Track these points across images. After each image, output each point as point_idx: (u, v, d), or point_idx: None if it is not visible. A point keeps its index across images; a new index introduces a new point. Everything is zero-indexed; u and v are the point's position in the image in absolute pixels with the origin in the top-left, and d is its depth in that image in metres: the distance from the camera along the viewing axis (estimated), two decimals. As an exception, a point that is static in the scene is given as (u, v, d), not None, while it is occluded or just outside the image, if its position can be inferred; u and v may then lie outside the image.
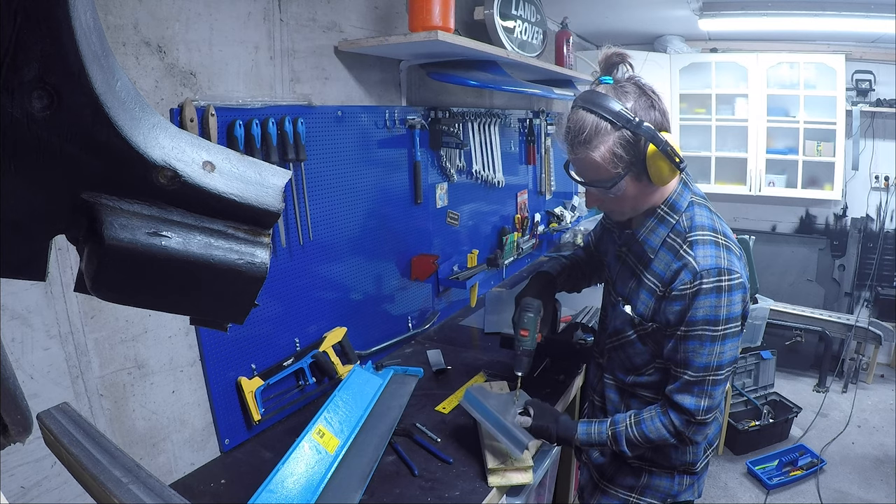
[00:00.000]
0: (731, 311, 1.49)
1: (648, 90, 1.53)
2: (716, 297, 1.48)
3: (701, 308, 1.50)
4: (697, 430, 1.60)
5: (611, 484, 1.87)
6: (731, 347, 1.53)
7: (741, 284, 1.50)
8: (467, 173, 3.35)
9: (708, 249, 1.52)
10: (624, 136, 1.47)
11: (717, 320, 1.49)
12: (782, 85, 5.33)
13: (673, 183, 1.62)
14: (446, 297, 3.30)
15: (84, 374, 1.59)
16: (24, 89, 0.50)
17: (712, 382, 1.55)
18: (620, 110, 1.46)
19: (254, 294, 0.67)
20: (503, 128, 3.69)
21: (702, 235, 1.54)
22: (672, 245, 1.58)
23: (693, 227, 1.57)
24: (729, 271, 1.49)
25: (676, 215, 1.60)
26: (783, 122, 5.35)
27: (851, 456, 4.25)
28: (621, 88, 1.52)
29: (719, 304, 1.48)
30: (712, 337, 1.51)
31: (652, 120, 1.49)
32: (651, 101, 1.51)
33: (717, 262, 1.49)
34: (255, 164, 0.67)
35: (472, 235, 3.54)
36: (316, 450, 1.75)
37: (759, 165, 5.43)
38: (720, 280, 1.48)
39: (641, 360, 1.73)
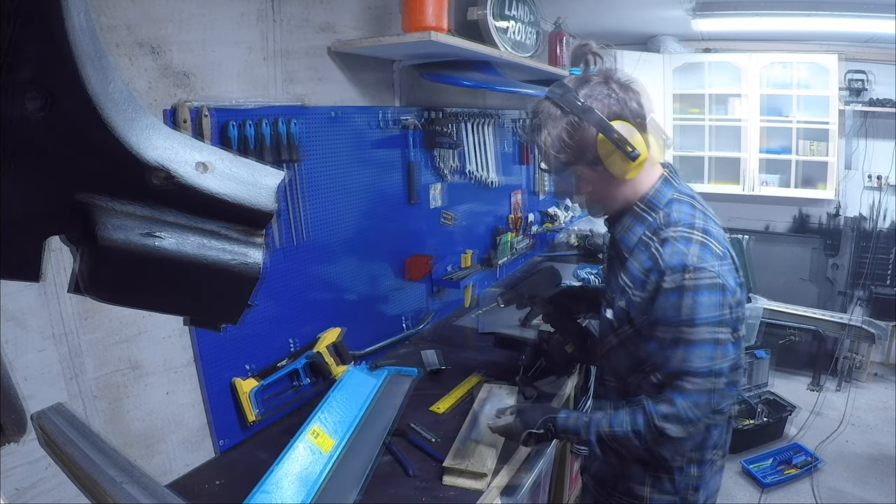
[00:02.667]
0: (695, 314, 1.39)
1: (615, 80, 1.49)
2: (676, 296, 1.40)
3: (661, 308, 1.43)
4: (657, 439, 1.46)
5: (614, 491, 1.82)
6: (702, 357, 1.40)
7: (714, 285, 1.39)
8: (462, 173, 3.35)
9: (677, 246, 1.43)
10: (572, 122, 1.46)
11: (678, 322, 1.40)
12: (776, 85, 5.35)
13: (649, 180, 1.57)
14: (441, 298, 3.30)
15: (79, 375, 1.59)
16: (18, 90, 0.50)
17: (672, 387, 1.44)
18: (570, 97, 1.45)
19: (248, 294, 0.67)
20: (497, 128, 3.69)
21: (674, 232, 1.46)
22: (647, 243, 1.51)
23: (668, 223, 1.49)
24: (696, 269, 1.39)
25: (654, 213, 1.54)
26: (777, 122, 5.37)
27: (846, 454, 4.26)
28: (585, 78, 1.51)
29: (680, 304, 1.39)
30: (673, 339, 1.42)
31: (606, 108, 1.45)
32: (611, 90, 1.47)
33: (682, 259, 1.41)
34: (248, 165, 0.67)
35: (466, 236, 3.54)
36: (311, 450, 1.75)
37: (753, 165, 5.45)
38: (683, 278, 1.39)
39: (626, 367, 1.65)
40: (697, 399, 1.42)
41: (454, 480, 1.81)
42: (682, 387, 1.42)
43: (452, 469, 1.81)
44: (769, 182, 5.49)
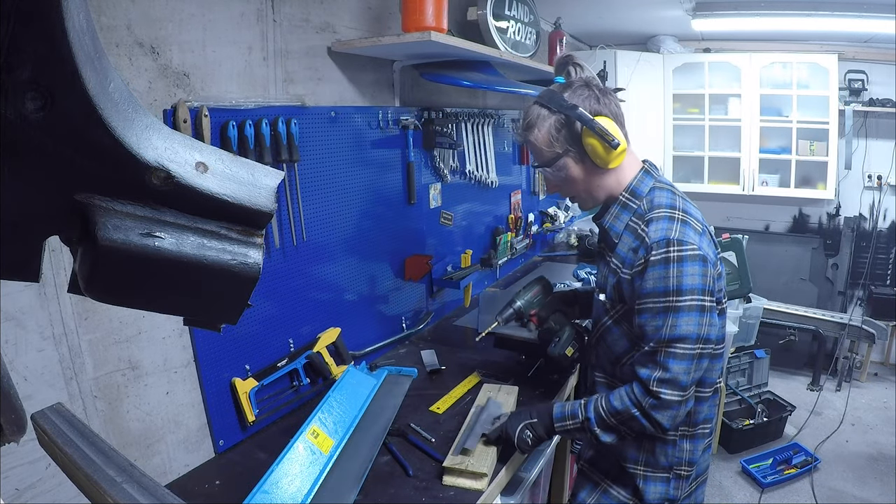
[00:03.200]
0: (682, 283, 1.51)
1: (594, 85, 1.68)
2: (663, 268, 1.52)
3: (650, 279, 1.55)
4: (654, 404, 1.56)
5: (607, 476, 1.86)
6: (690, 322, 1.52)
7: (696, 256, 1.52)
8: (461, 173, 3.36)
9: (660, 224, 1.58)
10: (559, 120, 1.66)
11: (666, 291, 1.52)
12: (775, 85, 5.35)
13: (631, 172, 1.74)
14: (440, 298, 3.30)
15: (78, 375, 1.59)
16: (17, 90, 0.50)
17: (665, 354, 1.54)
18: (556, 98, 1.66)
19: (247, 294, 0.67)
20: (497, 128, 3.69)
21: (657, 213, 1.61)
22: (633, 227, 1.67)
23: (652, 206, 1.64)
24: (679, 241, 1.52)
25: (638, 200, 1.70)
26: (776, 122, 5.37)
27: (845, 454, 4.27)
28: (569, 84, 1.69)
29: (667, 274, 1.52)
30: (664, 308, 1.53)
31: (588, 106, 1.63)
32: (592, 92, 1.65)
33: (666, 234, 1.54)
34: (247, 165, 0.67)
35: (465, 236, 3.54)
36: (310, 450, 1.75)
37: (752, 165, 5.45)
38: (668, 251, 1.52)
39: (621, 348, 1.76)
40: (688, 364, 1.55)
41: (454, 480, 1.81)
42: (673, 352, 1.54)
43: (452, 469, 1.81)
44: (768, 182, 5.49)
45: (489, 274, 3.80)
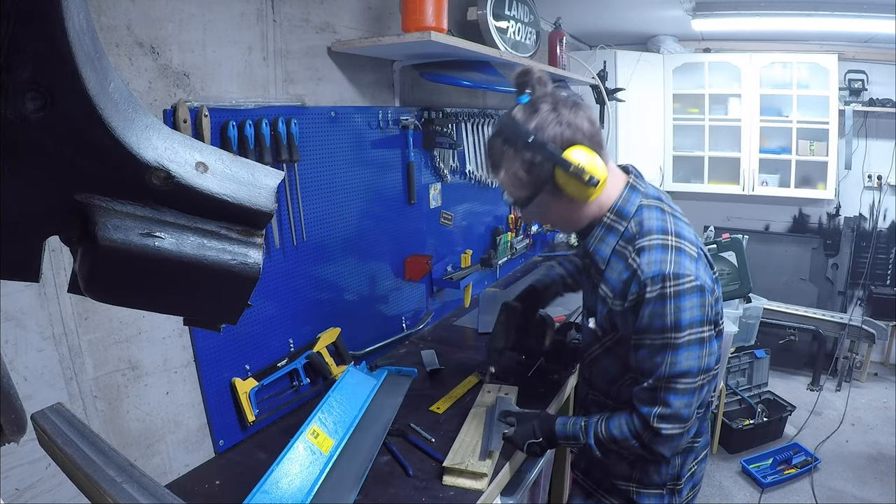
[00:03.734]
0: (680, 318, 1.42)
1: (562, 103, 1.50)
2: (660, 304, 1.43)
3: (646, 316, 1.45)
4: (654, 439, 1.51)
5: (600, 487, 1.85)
6: (690, 357, 1.45)
7: (694, 289, 1.42)
8: (461, 173, 3.36)
9: (654, 255, 1.46)
10: (527, 158, 1.49)
11: (664, 328, 1.43)
12: (775, 85, 5.35)
13: (615, 190, 1.59)
14: (440, 298, 3.30)
15: (78, 375, 1.59)
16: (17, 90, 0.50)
17: (666, 390, 1.47)
18: (521, 133, 1.47)
19: (247, 294, 0.67)
20: (497, 128, 3.68)
21: (649, 241, 1.48)
22: (622, 252, 1.54)
23: (642, 232, 1.51)
24: (676, 276, 1.42)
25: (625, 222, 1.56)
26: (776, 122, 5.37)
27: (845, 454, 4.27)
28: (533, 107, 1.50)
29: (664, 311, 1.42)
30: (662, 345, 1.45)
31: (558, 136, 1.47)
32: (559, 115, 1.48)
33: (661, 267, 1.43)
34: (247, 165, 0.67)
35: (465, 236, 3.54)
36: (310, 450, 1.75)
37: (752, 165, 5.45)
38: (664, 287, 1.42)
39: (616, 371, 1.70)
40: (690, 398, 1.48)
41: (454, 480, 1.81)
42: (674, 388, 1.47)
43: (452, 469, 1.81)
44: (768, 182, 5.49)
45: (489, 274, 3.80)
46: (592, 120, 1.53)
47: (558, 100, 1.51)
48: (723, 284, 3.36)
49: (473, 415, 2.10)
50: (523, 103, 1.52)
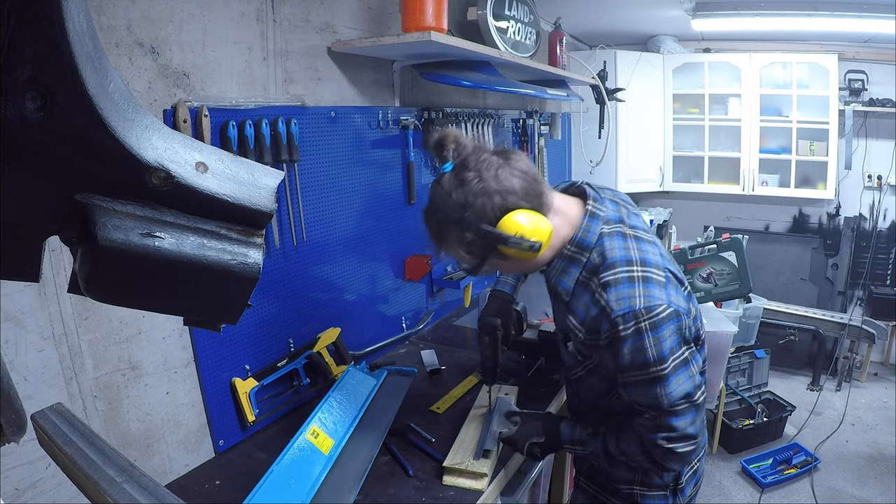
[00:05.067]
0: (661, 350, 1.38)
1: (488, 165, 1.40)
2: (638, 340, 1.38)
3: (626, 354, 1.41)
4: (666, 457, 1.48)
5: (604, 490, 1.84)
6: (681, 381, 1.42)
7: (669, 316, 1.38)
8: (461, 173, 3.34)
9: (621, 291, 1.39)
10: (464, 238, 1.41)
11: (647, 363, 1.39)
12: (775, 85, 5.34)
13: (574, 219, 1.52)
14: (440, 298, 3.30)
15: (78, 375, 1.59)
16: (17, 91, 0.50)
17: (668, 415, 1.44)
18: (453, 212, 1.40)
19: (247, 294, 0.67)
20: (497, 128, 3.69)
21: (614, 275, 1.42)
22: (587, 284, 1.48)
23: (605, 264, 1.44)
24: (648, 309, 1.37)
25: (587, 252, 1.49)
26: (776, 122, 5.36)
27: (845, 454, 4.27)
28: (458, 177, 1.41)
29: (644, 346, 1.38)
30: (650, 380, 1.41)
31: (489, 208, 1.38)
32: (486, 184, 1.38)
33: (631, 304, 1.38)
34: (247, 165, 0.67)
35: (466, 236, 3.53)
36: (310, 450, 1.75)
37: (752, 165, 5.44)
38: (638, 322, 1.37)
39: (602, 388, 1.67)
40: (693, 415, 1.45)
41: (454, 480, 1.81)
42: (676, 412, 1.44)
43: (452, 469, 1.81)
44: (768, 182, 5.49)
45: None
46: (524, 170, 1.43)
47: (482, 163, 1.41)
48: (723, 284, 3.36)
49: (473, 415, 2.10)
50: (448, 172, 1.43)
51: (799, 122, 5.25)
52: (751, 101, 5.36)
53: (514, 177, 1.40)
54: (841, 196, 5.57)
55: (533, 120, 4.30)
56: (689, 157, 5.70)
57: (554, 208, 1.49)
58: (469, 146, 1.44)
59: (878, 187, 5.44)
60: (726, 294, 3.40)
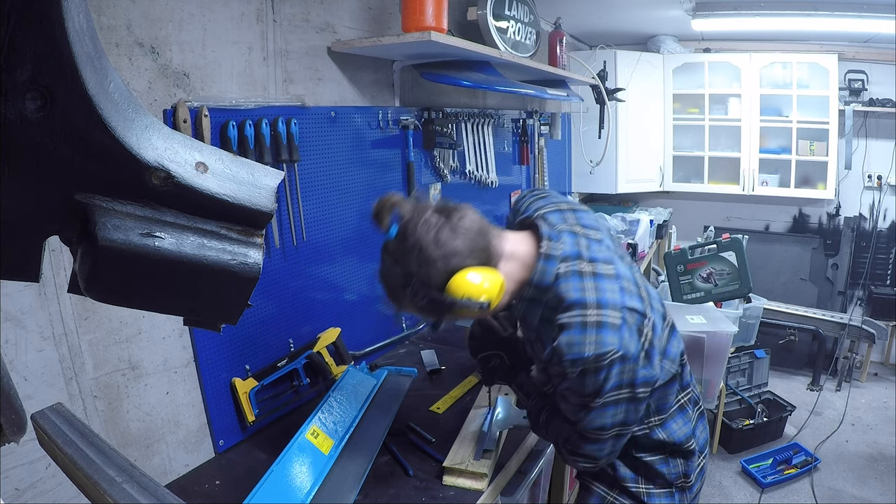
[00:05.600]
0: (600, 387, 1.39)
1: (427, 229, 1.37)
2: (580, 378, 1.39)
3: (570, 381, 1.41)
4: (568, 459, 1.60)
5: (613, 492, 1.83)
6: (604, 416, 1.44)
7: (614, 361, 1.36)
8: (461, 173, 3.35)
9: (573, 336, 1.38)
10: (417, 304, 1.41)
11: (582, 393, 1.42)
12: (775, 85, 5.34)
13: (530, 259, 1.49)
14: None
15: (78, 375, 1.59)
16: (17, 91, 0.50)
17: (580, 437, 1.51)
18: (400, 282, 1.39)
19: (247, 294, 0.67)
20: (497, 128, 3.69)
21: (569, 318, 1.39)
22: (548, 323, 1.46)
23: (562, 306, 1.42)
24: (596, 357, 1.35)
25: (546, 292, 1.46)
26: (776, 122, 5.36)
27: (845, 454, 4.27)
28: (402, 245, 1.38)
29: (585, 382, 1.39)
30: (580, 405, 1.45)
31: (436, 274, 1.36)
32: (428, 252, 1.35)
33: (580, 350, 1.36)
34: (247, 165, 0.67)
35: (466, 236, 3.53)
36: (310, 450, 1.75)
37: (752, 165, 5.44)
38: (585, 366, 1.37)
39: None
40: (602, 445, 1.51)
41: (454, 480, 1.81)
42: (588, 437, 1.49)
43: (452, 469, 1.82)
44: (768, 182, 5.48)
45: (489, 274, 3.79)
46: (468, 226, 1.40)
47: (422, 228, 1.37)
48: (723, 284, 3.37)
49: (473, 415, 2.10)
50: (392, 239, 1.40)
51: (799, 122, 5.25)
52: (751, 101, 5.36)
53: (457, 237, 1.37)
54: (841, 196, 5.57)
55: (533, 120, 4.30)
56: (689, 157, 5.71)
57: (506, 254, 1.47)
58: (408, 211, 1.40)
59: (878, 187, 5.44)
60: (726, 294, 3.41)
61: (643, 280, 1.56)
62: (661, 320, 1.53)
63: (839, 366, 5.25)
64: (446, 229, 1.37)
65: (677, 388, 1.64)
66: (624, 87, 4.69)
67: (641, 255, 4.41)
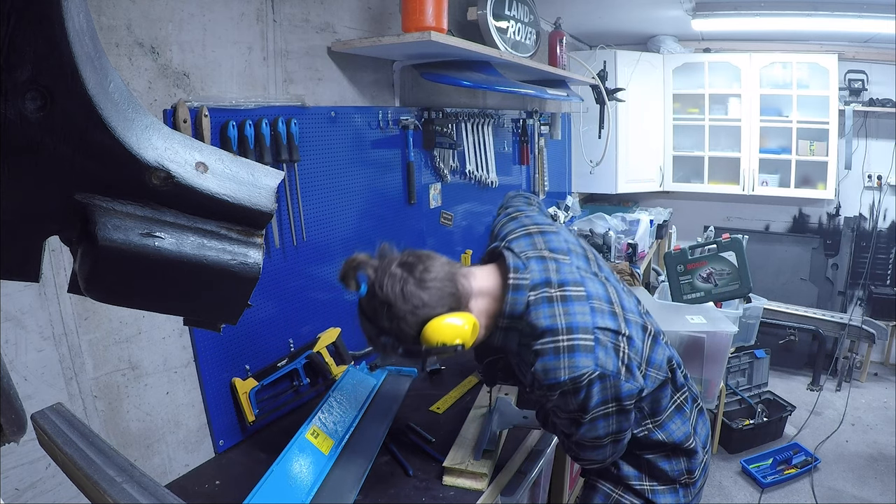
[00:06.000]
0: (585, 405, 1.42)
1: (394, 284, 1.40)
2: (563, 399, 1.43)
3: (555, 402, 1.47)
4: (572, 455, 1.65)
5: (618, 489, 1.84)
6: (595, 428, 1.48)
7: (593, 381, 1.39)
8: (461, 173, 3.36)
9: (547, 363, 1.41)
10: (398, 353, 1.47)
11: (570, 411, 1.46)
12: (775, 85, 5.34)
13: (500, 292, 1.51)
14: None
15: (78, 375, 1.59)
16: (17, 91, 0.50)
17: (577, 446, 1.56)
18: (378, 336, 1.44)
19: (247, 294, 0.67)
20: (496, 128, 3.69)
21: (542, 345, 1.42)
22: (527, 345, 1.48)
23: (534, 334, 1.44)
24: (573, 380, 1.38)
25: (519, 320, 1.48)
26: (776, 122, 5.36)
27: (845, 454, 4.27)
28: (371, 304, 1.42)
29: (568, 403, 1.43)
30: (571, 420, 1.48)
31: (408, 328, 1.40)
32: (397, 310, 1.39)
33: (556, 375, 1.39)
34: (247, 165, 0.67)
35: (465, 236, 3.54)
36: (310, 451, 1.75)
37: (752, 165, 5.44)
38: (563, 389, 1.40)
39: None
40: (602, 451, 1.55)
41: (454, 480, 1.81)
42: (584, 446, 1.54)
43: (452, 469, 1.82)
44: (768, 182, 5.49)
45: (489, 274, 3.79)
46: (432, 276, 1.43)
47: (387, 285, 1.40)
48: (723, 284, 3.37)
49: (473, 415, 2.10)
50: (363, 297, 1.44)
51: (799, 122, 5.25)
52: (751, 101, 5.36)
53: (423, 289, 1.40)
54: (841, 196, 5.57)
55: (533, 120, 4.31)
56: (689, 157, 5.71)
57: (475, 292, 1.50)
58: (373, 269, 1.44)
59: (878, 187, 5.44)
60: (726, 294, 3.40)
61: (618, 294, 1.57)
62: (640, 332, 1.54)
63: (839, 366, 5.25)
64: (411, 283, 1.40)
65: (671, 391, 1.65)
66: (624, 87, 4.69)
67: (641, 255, 4.40)
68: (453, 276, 1.46)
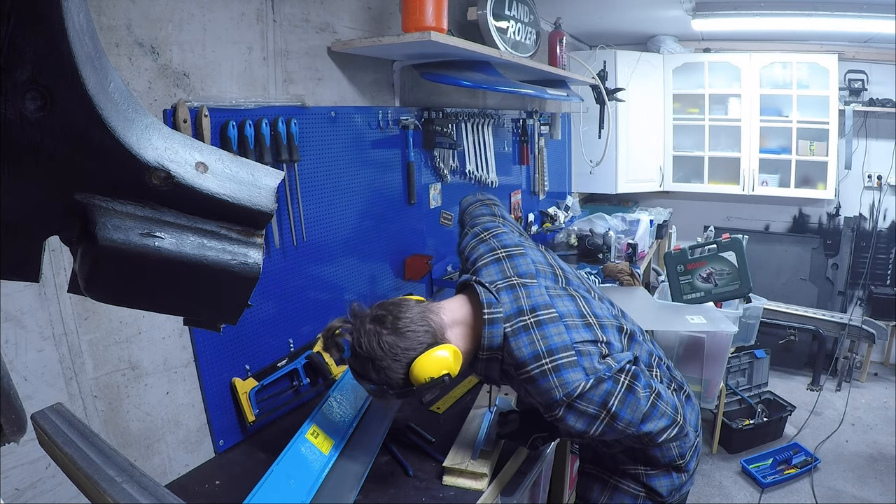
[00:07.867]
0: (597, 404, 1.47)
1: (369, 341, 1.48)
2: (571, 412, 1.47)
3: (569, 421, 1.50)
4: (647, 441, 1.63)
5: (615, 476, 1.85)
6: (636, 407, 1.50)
7: (591, 387, 1.44)
8: (461, 173, 3.36)
9: (540, 387, 1.47)
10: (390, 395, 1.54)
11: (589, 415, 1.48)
12: (775, 85, 5.34)
13: (473, 322, 1.58)
14: (441, 298, 3.29)
15: (78, 375, 1.59)
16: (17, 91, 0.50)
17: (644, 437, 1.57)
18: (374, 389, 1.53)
19: (247, 294, 0.67)
20: (496, 128, 3.69)
21: (528, 373, 1.48)
22: (509, 374, 1.57)
23: (517, 363, 1.51)
24: (568, 395, 1.44)
25: (498, 351, 1.55)
26: (776, 122, 5.37)
27: (845, 454, 4.27)
28: (357, 361, 1.52)
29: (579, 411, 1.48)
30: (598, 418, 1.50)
31: (396, 373, 1.48)
32: (380, 361, 1.47)
33: (551, 395, 1.45)
34: (247, 165, 0.67)
35: (466, 236, 3.53)
36: (310, 451, 1.75)
37: (752, 165, 5.45)
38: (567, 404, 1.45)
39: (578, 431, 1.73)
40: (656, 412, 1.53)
41: (454, 480, 1.81)
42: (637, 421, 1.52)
43: (452, 469, 1.82)
44: (768, 182, 5.49)
45: (489, 274, 3.79)
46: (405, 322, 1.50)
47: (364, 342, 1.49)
48: (723, 284, 3.37)
49: (473, 415, 2.11)
50: (350, 357, 1.55)
51: (799, 122, 5.26)
52: (751, 101, 5.36)
53: (398, 335, 1.48)
54: (841, 196, 5.57)
55: (533, 120, 4.31)
56: (689, 157, 5.71)
57: (448, 323, 1.56)
58: (350, 330, 1.54)
59: (878, 187, 5.44)
60: (726, 294, 3.41)
61: (589, 305, 1.61)
62: (616, 333, 1.60)
63: (839, 366, 5.25)
64: (385, 334, 1.48)
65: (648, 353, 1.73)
66: (624, 87, 4.69)
67: (641, 255, 4.40)
68: (423, 315, 1.53)
